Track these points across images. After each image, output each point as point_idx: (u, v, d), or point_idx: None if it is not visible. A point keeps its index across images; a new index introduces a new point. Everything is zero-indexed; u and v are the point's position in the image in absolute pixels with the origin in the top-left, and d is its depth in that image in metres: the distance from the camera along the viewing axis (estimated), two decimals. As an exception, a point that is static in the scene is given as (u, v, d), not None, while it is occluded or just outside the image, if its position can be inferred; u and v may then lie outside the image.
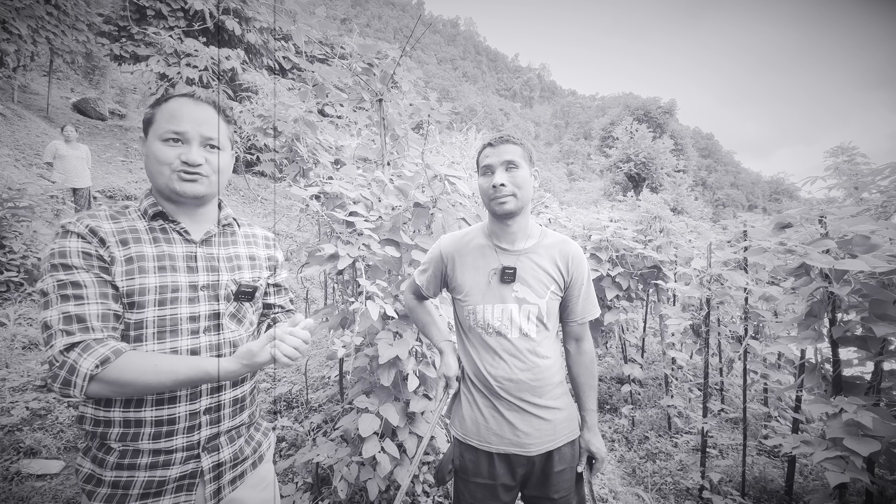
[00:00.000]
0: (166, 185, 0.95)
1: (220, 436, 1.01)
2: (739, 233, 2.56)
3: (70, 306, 0.84)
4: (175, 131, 0.94)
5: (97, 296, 0.86)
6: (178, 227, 0.99)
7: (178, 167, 0.94)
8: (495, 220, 1.31)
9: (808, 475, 2.69)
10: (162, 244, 0.96)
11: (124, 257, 0.90)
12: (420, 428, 1.95)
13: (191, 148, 0.95)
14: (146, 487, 0.90)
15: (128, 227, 0.94)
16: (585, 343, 1.39)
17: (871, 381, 1.72)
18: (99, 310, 0.86)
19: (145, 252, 0.93)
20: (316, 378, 3.51)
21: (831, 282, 1.69)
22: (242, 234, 1.14)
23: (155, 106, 0.97)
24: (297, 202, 2.12)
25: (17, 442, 2.42)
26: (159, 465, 0.91)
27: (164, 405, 0.92)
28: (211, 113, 0.99)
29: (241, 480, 1.05)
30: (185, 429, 0.94)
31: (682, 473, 2.81)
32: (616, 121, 32.29)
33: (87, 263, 0.87)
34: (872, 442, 1.53)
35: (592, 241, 3.63)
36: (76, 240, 0.88)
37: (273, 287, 1.19)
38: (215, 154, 0.99)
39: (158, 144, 0.94)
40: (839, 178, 3.14)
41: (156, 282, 0.92)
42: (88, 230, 0.89)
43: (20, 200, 4.38)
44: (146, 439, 0.90)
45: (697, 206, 21.95)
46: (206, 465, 0.97)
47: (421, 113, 2.59)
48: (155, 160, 0.94)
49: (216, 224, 1.07)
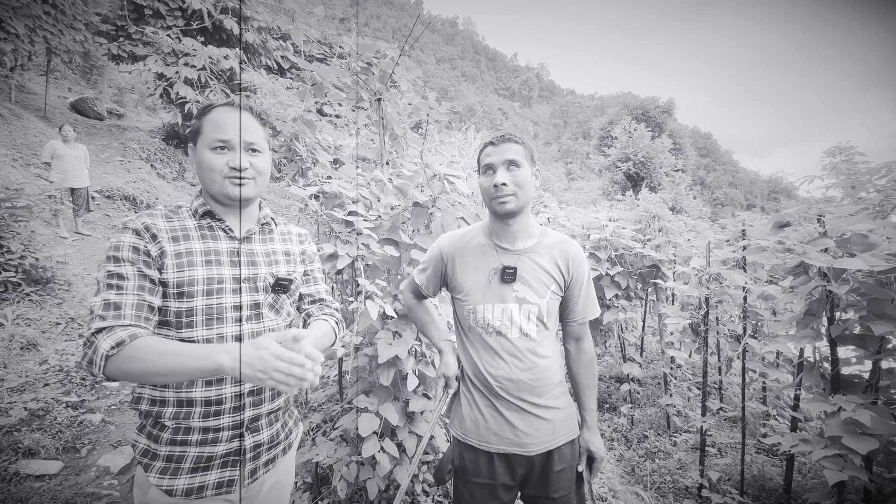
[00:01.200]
0: (220, 191, 1.04)
1: (262, 418, 1.08)
2: (738, 232, 2.57)
3: (111, 294, 0.92)
4: (222, 140, 1.02)
5: (135, 288, 0.94)
6: (223, 224, 1.09)
7: (228, 173, 1.03)
8: (496, 219, 1.31)
9: (807, 473, 2.70)
10: (209, 240, 1.06)
11: (175, 252, 1.00)
12: (419, 427, 1.95)
13: (237, 154, 1.04)
14: (196, 462, 0.99)
15: (179, 225, 1.04)
16: (585, 343, 1.40)
17: (869, 380, 1.73)
18: (135, 300, 0.93)
19: (194, 248, 1.03)
20: (315, 378, 3.51)
21: (830, 280, 1.69)
22: (279, 231, 1.23)
23: (199, 117, 1.06)
24: (296, 201, 2.12)
25: (16, 442, 2.41)
26: (208, 442, 1.00)
27: (212, 385, 1.00)
28: (249, 119, 1.07)
29: (273, 464, 1.13)
30: (231, 409, 1.02)
31: (681, 472, 2.82)
32: (615, 120, 32.31)
33: (134, 257, 0.96)
34: (871, 440, 1.53)
35: (591, 241, 3.64)
36: (131, 235, 0.98)
37: (303, 277, 1.26)
38: (258, 157, 1.08)
39: (208, 153, 1.03)
40: (837, 177, 3.15)
41: (203, 274, 1.01)
42: (143, 226, 0.99)
43: (18, 200, 4.36)
44: (197, 418, 0.99)
45: (696, 206, 21.97)
46: (248, 444, 1.05)
47: (420, 112, 2.59)
48: (207, 168, 1.03)
49: (256, 223, 1.16)
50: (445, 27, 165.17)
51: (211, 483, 1.00)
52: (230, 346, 0.87)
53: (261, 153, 1.09)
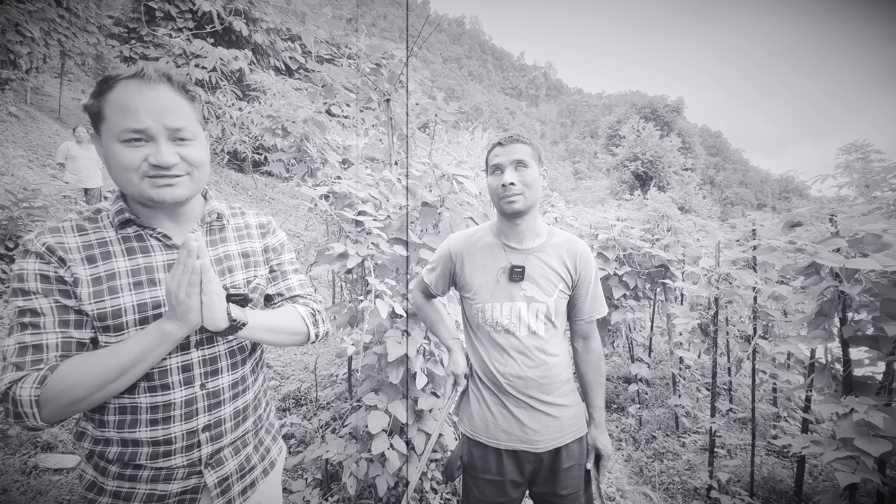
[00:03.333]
0: (139, 195, 0.81)
1: (224, 449, 0.94)
2: (748, 231, 2.55)
3: (27, 336, 0.76)
4: (134, 129, 0.77)
5: (55, 324, 0.78)
6: (154, 233, 0.87)
7: (149, 171, 0.79)
8: (504, 218, 1.32)
9: (818, 476, 2.67)
10: (137, 255, 0.85)
11: (91, 277, 0.80)
12: (428, 425, 1.97)
13: (158, 147, 0.79)
14: (147, 500, 0.85)
15: (96, 239, 0.83)
16: (593, 341, 1.40)
17: (882, 381, 1.71)
18: (58, 339, 0.77)
19: (116, 268, 0.82)
20: (324, 376, 3.55)
21: (842, 281, 1.67)
22: (233, 226, 1.01)
23: (98, 96, 0.79)
24: (305, 202, 2.15)
25: (35, 437, 2.47)
26: (160, 479, 0.86)
27: (158, 425, 0.84)
28: (170, 95, 0.81)
29: (252, 490, 0.99)
30: (183, 448, 0.87)
31: (689, 473, 2.80)
32: (623, 119, 32.05)
33: (46, 287, 0.78)
34: (884, 442, 1.51)
35: (599, 240, 3.63)
36: (34, 260, 0.78)
37: (270, 275, 1.06)
38: (188, 147, 0.83)
39: (118, 147, 0.78)
40: (851, 175, 3.10)
41: (132, 300, 0.82)
42: (45, 248, 0.78)
43: (35, 201, 4.46)
44: (144, 458, 0.84)
45: (705, 205, 21.74)
46: (211, 481, 0.91)
47: (428, 112, 2.60)
48: (118, 167, 0.79)
49: (200, 223, 0.94)
50: (452, 27, 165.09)
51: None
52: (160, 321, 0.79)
53: (192, 140, 0.84)
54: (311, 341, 1.06)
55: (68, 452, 2.47)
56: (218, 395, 0.91)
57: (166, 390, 0.85)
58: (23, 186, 4.52)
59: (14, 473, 2.20)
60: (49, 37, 8.33)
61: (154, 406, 0.84)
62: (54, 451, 2.44)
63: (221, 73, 9.58)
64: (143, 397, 0.83)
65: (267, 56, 11.08)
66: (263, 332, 0.92)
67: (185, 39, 9.30)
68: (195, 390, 0.88)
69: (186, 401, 0.87)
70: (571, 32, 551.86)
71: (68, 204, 5.48)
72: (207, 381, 0.90)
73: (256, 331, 0.89)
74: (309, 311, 1.05)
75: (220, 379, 0.92)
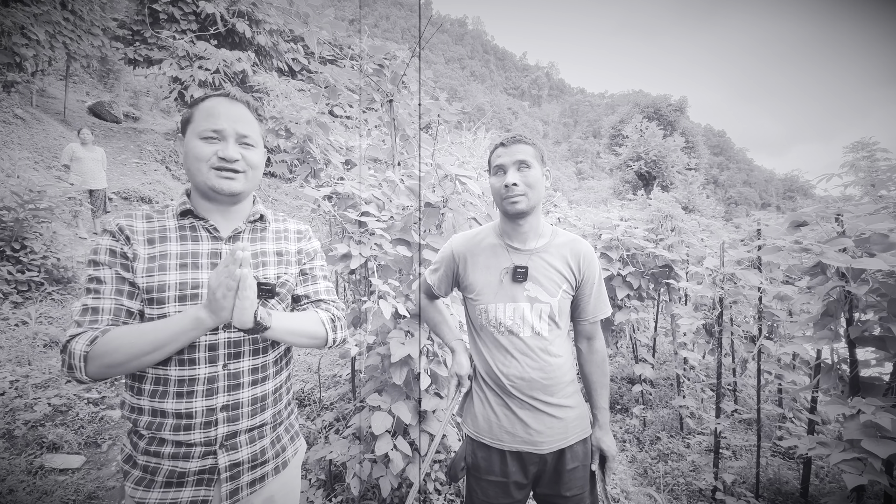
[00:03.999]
0: (204, 182, 0.97)
1: (240, 434, 1.01)
2: (753, 231, 2.53)
3: (89, 299, 0.92)
4: (213, 129, 0.96)
5: (112, 292, 0.92)
6: (206, 224, 1.02)
7: (216, 163, 0.97)
8: (507, 219, 1.32)
9: (825, 477, 2.65)
10: (188, 242, 1.00)
11: (147, 255, 0.95)
12: (432, 426, 1.97)
13: (227, 144, 0.97)
14: (169, 476, 0.94)
15: (159, 226, 0.99)
16: (597, 342, 1.40)
17: (889, 382, 1.69)
18: (112, 305, 0.92)
19: (169, 250, 0.97)
20: (328, 376, 3.55)
21: (848, 281, 1.66)
22: (274, 229, 1.14)
23: (193, 105, 1.00)
24: (308, 203, 2.16)
25: (41, 437, 2.49)
26: (180, 457, 0.95)
27: (182, 398, 0.94)
28: (245, 111, 1.02)
29: (260, 484, 1.04)
30: (202, 424, 0.95)
31: (694, 474, 2.78)
32: (626, 119, 31.93)
33: (111, 260, 0.94)
34: (891, 444, 1.50)
35: (603, 241, 3.61)
36: (108, 238, 0.95)
37: (300, 277, 1.16)
38: (250, 151, 1.02)
39: (197, 141, 0.97)
40: (857, 174, 3.07)
41: (176, 279, 0.95)
42: (118, 228, 0.96)
43: (40, 202, 4.50)
44: (168, 430, 0.94)
45: (709, 205, 21.63)
46: (223, 463, 0.97)
47: (430, 113, 2.60)
48: (193, 157, 0.97)
49: (245, 220, 1.08)
50: (455, 27, 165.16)
51: (184, 501, 0.95)
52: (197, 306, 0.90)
53: (254, 147, 1.03)
54: (329, 346, 1.13)
55: (73, 453, 2.49)
56: (238, 377, 1.00)
57: (192, 365, 0.95)
58: (28, 188, 4.55)
59: (20, 473, 2.22)
60: (54, 39, 8.39)
61: (181, 379, 0.94)
62: (60, 452, 2.46)
63: (225, 74, 9.62)
64: (174, 370, 0.94)
65: (270, 58, 11.11)
66: (284, 334, 1.01)
67: (189, 41, 9.36)
68: (217, 369, 0.98)
69: (209, 378, 0.97)
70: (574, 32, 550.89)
71: (73, 205, 5.51)
72: (229, 362, 0.99)
73: (278, 332, 0.98)
74: (329, 317, 1.13)
75: (241, 362, 1.01)
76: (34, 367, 3.19)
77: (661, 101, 36.31)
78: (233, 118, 0.99)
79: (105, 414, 2.87)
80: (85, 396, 2.97)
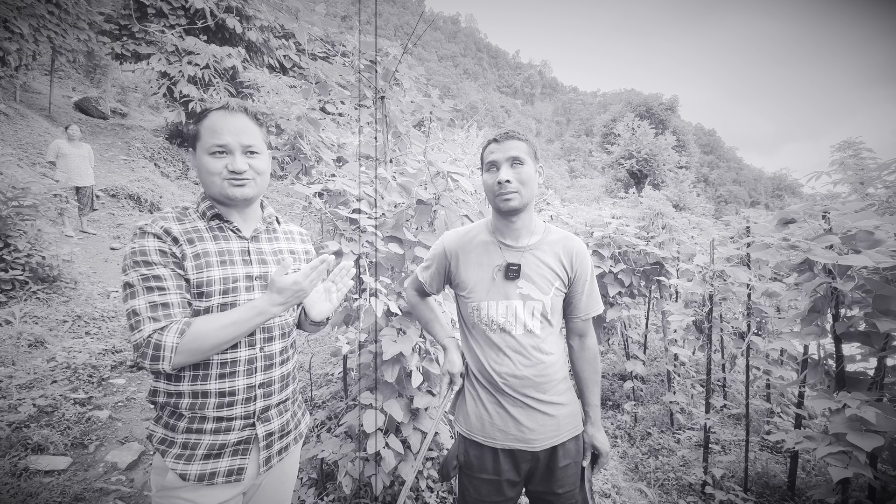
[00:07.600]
0: (220, 193, 1.09)
1: (272, 408, 1.15)
2: (742, 229, 2.56)
3: (155, 296, 0.99)
4: (219, 144, 1.06)
5: (176, 287, 1.01)
6: (231, 225, 1.14)
7: (227, 176, 1.07)
8: (499, 216, 1.32)
9: (811, 471, 2.69)
10: (221, 241, 1.11)
11: (192, 253, 1.05)
12: (424, 424, 1.97)
13: (235, 158, 1.07)
14: (209, 449, 1.05)
15: (192, 227, 1.09)
16: (589, 339, 1.40)
17: (874, 377, 1.72)
18: (179, 299, 1.01)
19: (209, 248, 1.08)
20: (320, 375, 3.53)
21: (835, 277, 1.69)
22: (282, 230, 1.28)
23: (197, 122, 1.10)
24: (299, 200, 2.13)
25: (25, 438, 2.44)
26: (221, 431, 1.06)
27: (225, 379, 1.06)
28: (245, 121, 1.11)
29: (286, 452, 1.20)
30: (243, 400, 1.08)
31: (684, 469, 2.82)
32: (618, 117, 32.06)
33: (164, 260, 1.02)
34: (876, 437, 1.53)
35: (595, 238, 3.63)
36: (153, 239, 1.02)
37: None
38: (255, 158, 1.12)
39: (206, 157, 1.07)
40: (844, 173, 3.12)
41: (219, 274, 1.07)
42: (163, 230, 1.04)
43: (24, 199, 4.39)
44: (212, 408, 1.05)
45: (700, 203, 21.83)
46: (261, 433, 1.11)
47: (423, 110, 2.59)
48: (206, 172, 1.08)
49: (261, 222, 1.21)
50: (447, 24, 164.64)
51: (222, 470, 1.06)
52: (259, 298, 1.05)
53: (259, 154, 1.12)
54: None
55: (59, 454, 2.44)
56: (272, 357, 1.15)
57: (234, 349, 1.07)
58: (12, 185, 4.45)
59: (4, 476, 2.17)
60: (39, 33, 8.20)
61: (223, 362, 1.06)
62: (45, 453, 2.41)
63: (214, 70, 9.48)
64: (216, 355, 1.05)
65: (261, 54, 10.97)
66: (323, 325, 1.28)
67: (178, 36, 9.20)
68: (255, 352, 1.11)
69: (249, 359, 1.09)
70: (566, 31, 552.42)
71: (58, 202, 5.40)
72: (265, 345, 1.13)
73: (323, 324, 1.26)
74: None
75: (273, 345, 1.15)
76: (18, 368, 3.12)
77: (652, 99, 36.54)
78: (235, 131, 1.07)
79: (92, 414, 2.82)
80: (71, 397, 2.91)
